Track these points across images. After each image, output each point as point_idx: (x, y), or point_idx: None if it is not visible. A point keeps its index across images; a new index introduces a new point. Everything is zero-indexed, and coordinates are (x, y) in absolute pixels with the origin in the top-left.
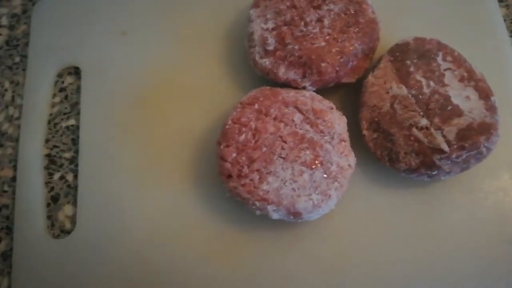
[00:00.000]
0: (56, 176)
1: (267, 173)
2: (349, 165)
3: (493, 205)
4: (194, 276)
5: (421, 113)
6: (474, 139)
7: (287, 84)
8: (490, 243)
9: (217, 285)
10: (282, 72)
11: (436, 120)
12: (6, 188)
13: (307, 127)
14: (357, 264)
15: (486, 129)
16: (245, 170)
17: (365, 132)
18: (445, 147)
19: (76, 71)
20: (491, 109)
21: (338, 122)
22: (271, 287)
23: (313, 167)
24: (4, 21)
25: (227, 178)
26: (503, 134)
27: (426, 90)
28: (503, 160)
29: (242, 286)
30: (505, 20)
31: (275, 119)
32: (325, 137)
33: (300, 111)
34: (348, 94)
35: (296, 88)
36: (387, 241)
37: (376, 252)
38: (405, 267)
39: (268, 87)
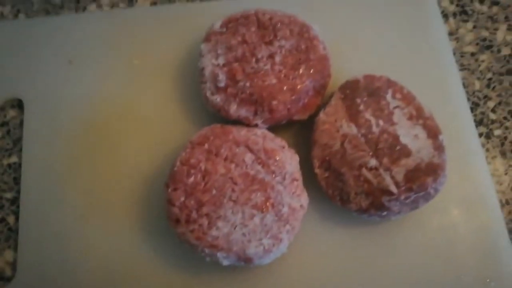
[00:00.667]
0: None
1: (216, 218)
2: (301, 205)
3: (443, 242)
4: None
5: (371, 153)
6: (421, 181)
7: (238, 122)
8: (442, 280)
9: None
10: (234, 110)
11: (385, 160)
12: None
13: (259, 167)
14: None
15: (433, 170)
16: (194, 214)
17: (317, 170)
18: (393, 189)
19: (19, 104)
20: (439, 148)
21: (290, 161)
22: None
23: (264, 210)
24: None
25: (175, 223)
26: (451, 171)
27: (375, 129)
28: (451, 197)
29: None
30: (454, 54)
31: (225, 159)
32: (277, 178)
33: (251, 151)
34: (301, 131)
35: (248, 125)
36: (340, 281)
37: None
38: None
39: (219, 125)
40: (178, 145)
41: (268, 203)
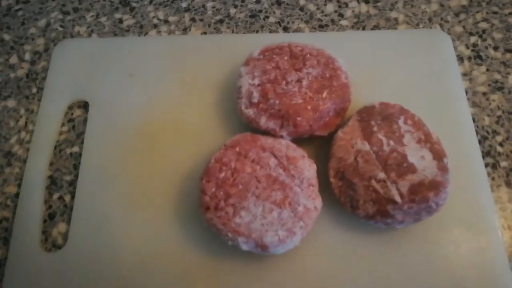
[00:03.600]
0: (55, 196)
1: (240, 208)
2: (315, 207)
3: (444, 257)
4: None
5: (380, 167)
6: (423, 194)
7: (267, 132)
8: None
9: None
10: (263, 122)
11: (393, 174)
12: (9, 203)
13: (280, 171)
14: None
15: (435, 186)
16: (222, 203)
17: (332, 179)
18: (398, 198)
19: (85, 105)
20: (443, 169)
21: (308, 168)
22: None
23: (282, 206)
24: (27, 56)
25: (205, 210)
26: (456, 192)
27: (386, 148)
28: (454, 216)
29: None
30: (467, 92)
31: (252, 161)
32: (295, 181)
33: (275, 157)
34: (322, 145)
35: (274, 136)
36: (346, 279)
37: (335, 285)
38: None
39: (249, 133)
40: (214, 148)
41: (286, 201)
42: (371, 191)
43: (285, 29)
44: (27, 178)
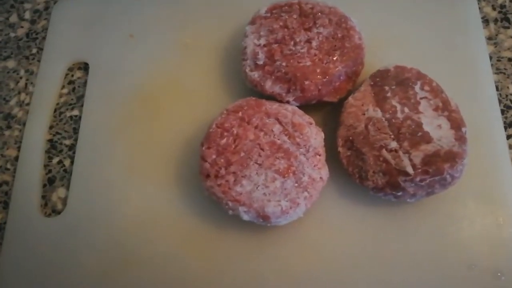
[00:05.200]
0: (55, 160)
1: (242, 177)
2: (320, 177)
3: (457, 232)
4: (169, 265)
5: (392, 136)
6: (438, 165)
7: (272, 97)
8: (452, 268)
9: (189, 276)
10: (269, 86)
11: (405, 144)
12: (8, 166)
13: (285, 138)
14: (321, 270)
15: (451, 157)
16: (222, 171)
17: (340, 149)
18: (410, 170)
19: (85, 67)
20: (461, 139)
21: (315, 137)
22: (239, 284)
23: (285, 175)
24: (27, 15)
25: (206, 177)
26: (473, 165)
27: (400, 115)
28: (470, 189)
29: (213, 280)
30: (491, 58)
31: (256, 127)
32: (301, 149)
33: (280, 123)
34: (331, 112)
35: (280, 101)
36: (351, 253)
37: (340, 261)
38: (366, 276)
39: (254, 98)
40: (216, 113)
41: (290, 170)
42: (382, 161)
43: None
44: (27, 142)
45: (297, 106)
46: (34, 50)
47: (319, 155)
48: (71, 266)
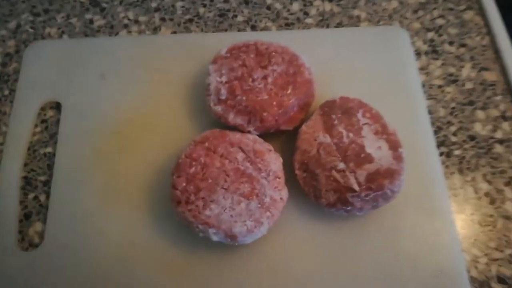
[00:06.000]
0: (31, 196)
1: (210, 201)
2: (281, 198)
3: (401, 241)
4: None
5: (340, 158)
6: (379, 182)
7: (235, 128)
8: (399, 271)
9: None
10: (231, 118)
11: (351, 164)
12: None
13: (248, 164)
14: (287, 282)
15: (390, 174)
16: (192, 197)
17: (297, 171)
18: (356, 187)
19: (57, 106)
20: (398, 158)
21: (275, 161)
22: None
23: (249, 198)
24: None
25: (177, 203)
26: (411, 180)
27: (345, 139)
28: (410, 202)
29: None
30: (424, 85)
31: (221, 156)
32: (262, 174)
33: (242, 151)
34: (288, 140)
35: (242, 131)
36: (311, 265)
37: (302, 273)
38: (328, 286)
39: (218, 129)
40: (184, 145)
41: (253, 193)
42: (332, 180)
43: (253, 28)
44: (2, 180)
45: (257, 135)
46: (6, 92)
47: (279, 178)
48: None
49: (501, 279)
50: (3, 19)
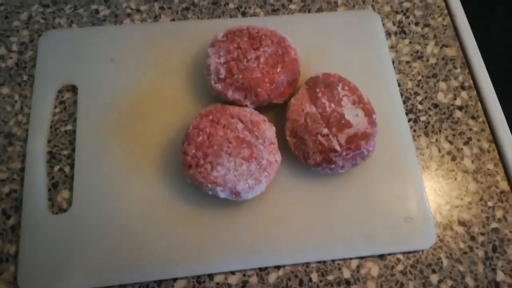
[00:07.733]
0: (56, 168)
1: (217, 164)
2: (275, 160)
3: (376, 192)
4: (165, 239)
5: (324, 125)
6: (357, 143)
7: (233, 103)
8: (374, 217)
9: (183, 247)
10: (230, 94)
11: (334, 130)
12: (15, 176)
13: (247, 133)
14: (283, 230)
15: (366, 137)
16: (201, 161)
17: (288, 138)
18: (337, 148)
19: (73, 89)
20: (372, 123)
21: (269, 130)
22: (222, 248)
23: (249, 160)
24: (14, 47)
25: (188, 167)
26: (384, 141)
27: (328, 109)
28: (383, 160)
29: (200, 246)
30: (394, 62)
31: (224, 126)
32: (259, 140)
33: (242, 122)
34: (279, 111)
35: (240, 105)
36: (303, 215)
37: (295, 222)
38: (317, 232)
39: (220, 104)
40: (190, 118)
41: (252, 156)
42: (318, 144)
43: (243, 14)
44: (30, 155)
45: (253, 108)
46: (25, 77)
47: (273, 144)
48: (79, 256)
49: (461, 222)
50: (15, 11)
